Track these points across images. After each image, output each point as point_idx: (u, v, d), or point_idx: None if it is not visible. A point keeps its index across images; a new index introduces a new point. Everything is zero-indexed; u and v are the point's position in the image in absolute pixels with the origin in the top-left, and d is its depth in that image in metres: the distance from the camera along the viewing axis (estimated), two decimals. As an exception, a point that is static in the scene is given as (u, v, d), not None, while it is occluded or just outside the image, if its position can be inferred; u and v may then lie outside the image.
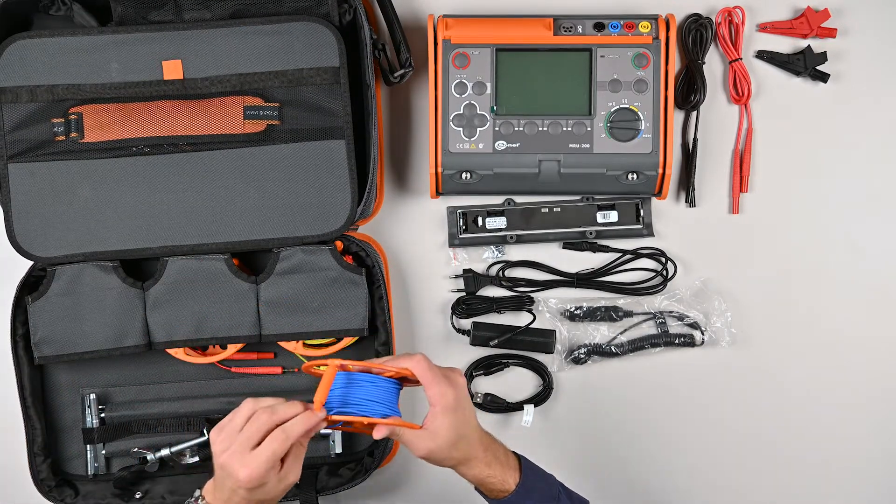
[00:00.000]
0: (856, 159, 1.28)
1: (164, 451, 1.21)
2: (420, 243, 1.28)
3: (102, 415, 1.22)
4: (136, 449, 1.21)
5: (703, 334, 1.26)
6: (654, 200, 1.27)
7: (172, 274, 1.18)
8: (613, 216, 1.26)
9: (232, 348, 1.21)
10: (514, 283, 1.27)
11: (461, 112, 1.20)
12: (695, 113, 1.27)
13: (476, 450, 1.00)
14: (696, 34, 1.26)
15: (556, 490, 1.05)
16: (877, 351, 1.28)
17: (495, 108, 1.21)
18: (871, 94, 1.27)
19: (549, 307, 1.27)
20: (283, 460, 0.95)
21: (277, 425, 0.94)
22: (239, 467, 0.93)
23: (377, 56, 1.20)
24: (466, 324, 1.27)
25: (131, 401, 1.23)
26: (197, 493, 1.00)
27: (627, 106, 1.20)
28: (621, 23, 1.20)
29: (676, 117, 1.27)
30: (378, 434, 0.96)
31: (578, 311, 1.26)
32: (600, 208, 1.26)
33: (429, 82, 1.21)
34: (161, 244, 1.18)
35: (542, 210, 1.26)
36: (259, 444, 0.93)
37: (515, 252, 1.28)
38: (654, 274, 1.27)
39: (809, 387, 1.28)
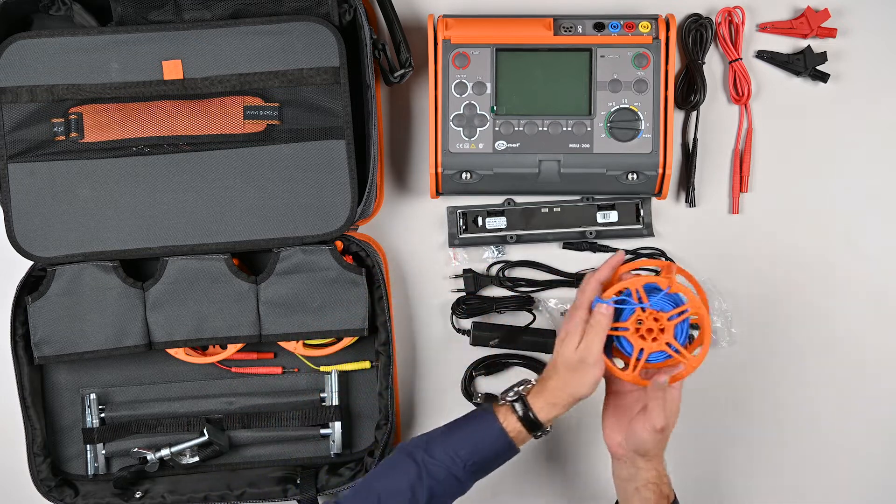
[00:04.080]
0: (856, 159, 1.28)
1: (164, 451, 1.21)
2: (420, 243, 1.28)
3: (102, 415, 1.22)
4: (136, 449, 1.22)
5: (703, 334, 1.26)
6: (654, 200, 1.27)
7: (172, 274, 1.18)
8: (613, 216, 1.26)
9: (232, 348, 1.21)
10: (514, 283, 1.27)
11: (461, 112, 1.20)
12: (695, 113, 1.27)
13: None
14: (696, 34, 1.26)
15: None
16: (877, 350, 1.27)
17: (495, 108, 1.21)
18: (871, 94, 1.27)
19: (549, 307, 1.27)
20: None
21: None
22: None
23: (377, 56, 1.20)
24: (466, 324, 1.26)
25: (131, 401, 1.23)
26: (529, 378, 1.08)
27: (627, 106, 1.20)
28: (621, 23, 1.20)
29: (676, 117, 1.27)
30: (705, 339, 1.04)
31: (578, 311, 1.26)
32: (600, 208, 1.26)
33: (429, 82, 1.20)
34: (161, 244, 1.18)
35: (542, 210, 1.26)
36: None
37: (515, 252, 1.28)
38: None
39: (809, 387, 1.28)
